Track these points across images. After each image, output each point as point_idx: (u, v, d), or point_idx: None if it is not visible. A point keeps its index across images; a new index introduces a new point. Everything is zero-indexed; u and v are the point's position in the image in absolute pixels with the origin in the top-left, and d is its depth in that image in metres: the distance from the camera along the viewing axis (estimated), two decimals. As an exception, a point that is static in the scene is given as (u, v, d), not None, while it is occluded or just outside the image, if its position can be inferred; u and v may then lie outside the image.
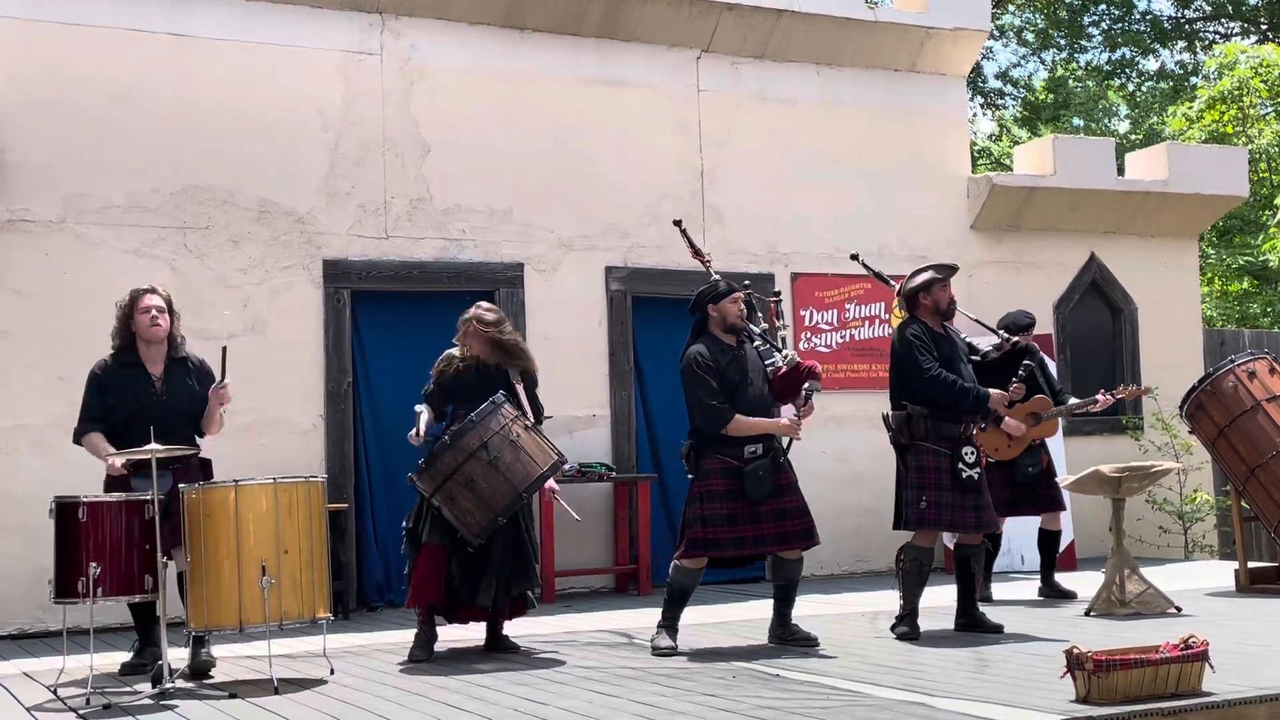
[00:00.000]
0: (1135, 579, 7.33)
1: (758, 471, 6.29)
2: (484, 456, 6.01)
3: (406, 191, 9.07)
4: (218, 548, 5.64)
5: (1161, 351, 11.32)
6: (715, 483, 6.33)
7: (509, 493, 6.06)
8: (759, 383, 6.47)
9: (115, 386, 6.11)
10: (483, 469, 6.01)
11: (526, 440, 6.13)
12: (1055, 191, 10.97)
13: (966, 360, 6.86)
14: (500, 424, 6.08)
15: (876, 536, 10.13)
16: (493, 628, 6.57)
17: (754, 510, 6.32)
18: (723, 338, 6.47)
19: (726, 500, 6.30)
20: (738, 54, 10.13)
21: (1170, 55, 25.48)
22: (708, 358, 6.37)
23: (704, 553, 6.34)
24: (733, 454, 6.33)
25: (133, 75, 8.41)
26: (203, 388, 6.22)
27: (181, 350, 6.24)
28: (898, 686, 5.27)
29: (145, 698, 5.41)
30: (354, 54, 9.00)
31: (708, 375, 6.32)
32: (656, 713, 4.86)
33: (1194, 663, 4.88)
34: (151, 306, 6.10)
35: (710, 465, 6.35)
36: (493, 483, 6.03)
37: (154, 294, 6.16)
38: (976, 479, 6.63)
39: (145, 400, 6.08)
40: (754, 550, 6.43)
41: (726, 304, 6.47)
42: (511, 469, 6.05)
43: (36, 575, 7.28)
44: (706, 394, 6.31)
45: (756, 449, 6.35)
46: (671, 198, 9.76)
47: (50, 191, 8.18)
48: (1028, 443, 7.98)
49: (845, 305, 10.37)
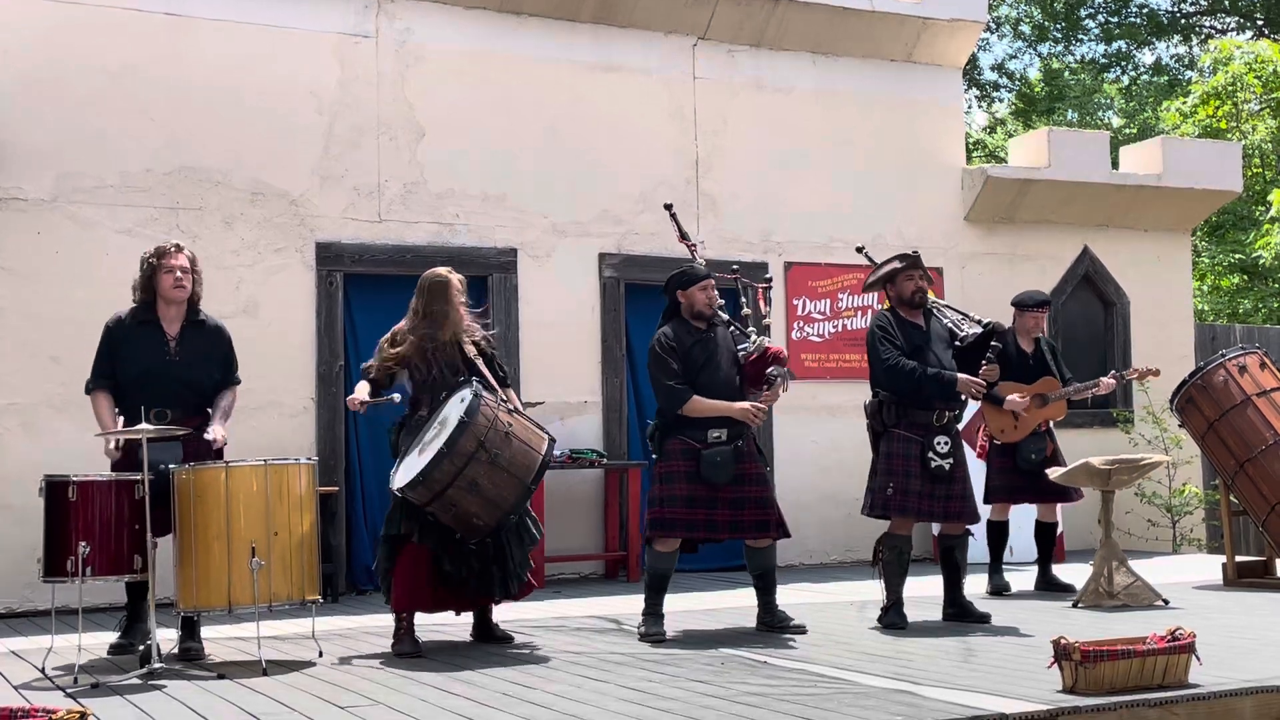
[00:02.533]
0: (1123, 571, 7.36)
1: (715, 457, 6.29)
2: (483, 456, 5.72)
3: (400, 175, 9.05)
4: (208, 528, 5.64)
5: (1153, 345, 11.34)
6: (676, 464, 6.35)
7: (516, 487, 5.83)
8: (727, 367, 6.47)
9: (128, 343, 6.05)
10: (485, 469, 5.73)
11: (517, 427, 5.92)
12: (1049, 184, 10.99)
13: (948, 347, 6.83)
14: (489, 417, 5.81)
15: (865, 526, 10.05)
16: (482, 615, 6.41)
17: (713, 495, 6.32)
18: (691, 322, 6.50)
19: (686, 481, 6.31)
20: (734, 41, 10.11)
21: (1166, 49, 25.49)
22: (671, 339, 6.41)
23: (661, 533, 6.34)
24: (695, 436, 6.34)
25: (128, 54, 8.38)
26: (217, 351, 6.19)
27: (200, 313, 6.20)
28: (885, 675, 5.28)
29: (133, 677, 5.41)
30: (349, 36, 8.98)
31: (669, 356, 6.35)
32: (645, 698, 4.88)
33: (1181, 654, 4.90)
34: (176, 267, 6.05)
35: (672, 446, 6.37)
36: (497, 481, 5.77)
37: (180, 253, 6.10)
38: (948, 469, 6.63)
39: (157, 360, 6.03)
40: (706, 534, 6.41)
41: (695, 291, 6.49)
42: (513, 463, 5.80)
43: (25, 554, 7.27)
44: (665, 375, 6.34)
45: (721, 434, 6.34)
46: (666, 185, 9.76)
47: (43, 170, 8.15)
48: (1035, 424, 7.95)
49: (838, 295, 10.37)
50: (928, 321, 6.83)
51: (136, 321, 6.11)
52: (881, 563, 6.70)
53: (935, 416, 6.66)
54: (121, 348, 6.06)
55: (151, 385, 5.95)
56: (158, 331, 6.08)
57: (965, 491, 6.74)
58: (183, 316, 6.12)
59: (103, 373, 6.08)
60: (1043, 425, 8.02)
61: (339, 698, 5.03)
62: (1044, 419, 8.01)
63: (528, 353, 9.27)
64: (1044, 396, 7.97)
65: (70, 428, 7.68)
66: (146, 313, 6.11)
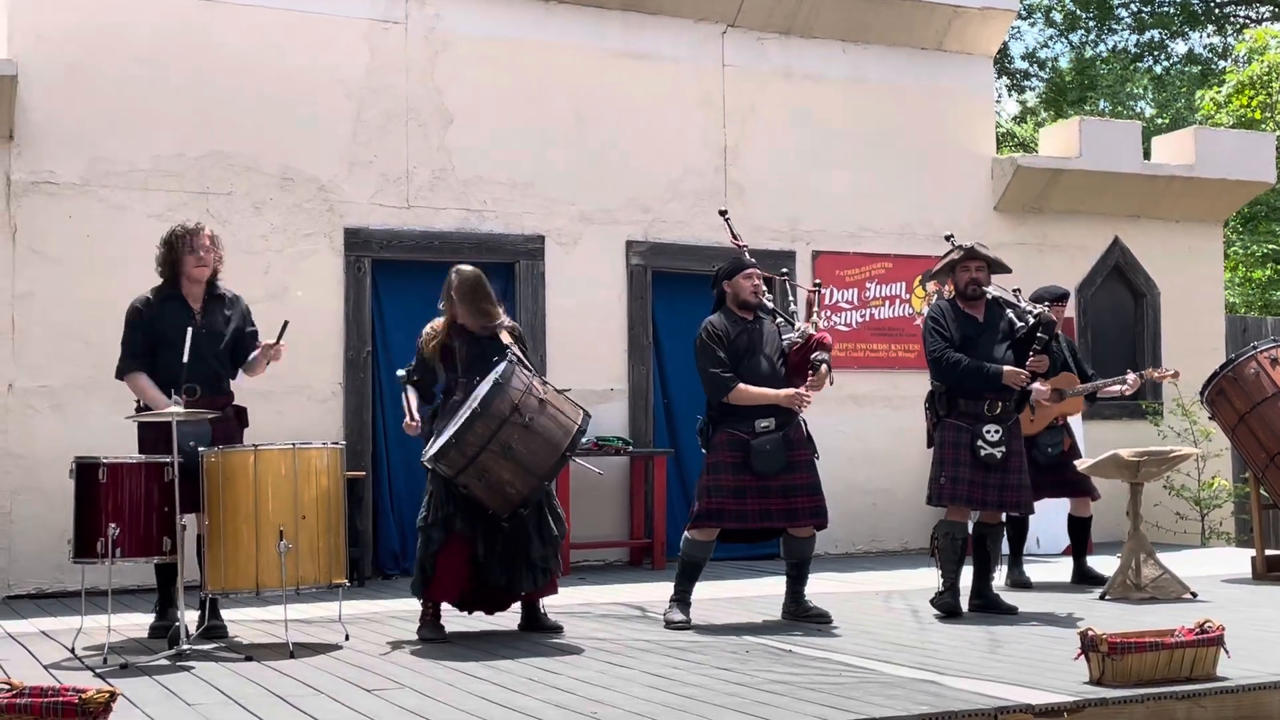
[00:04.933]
0: (1151, 564, 7.32)
1: (765, 445, 6.32)
2: (518, 420, 5.62)
3: (429, 161, 9.07)
4: (236, 511, 5.68)
5: (1183, 337, 11.27)
6: (724, 455, 6.37)
7: (551, 453, 5.74)
8: (771, 356, 6.49)
9: (156, 321, 6.12)
10: (519, 433, 5.63)
11: (552, 396, 5.86)
12: (1080, 174, 10.92)
13: (1004, 339, 6.78)
14: (525, 382, 5.75)
15: (891, 516, 10.16)
16: (530, 607, 6.31)
17: (762, 484, 6.34)
18: (737, 312, 6.52)
19: (734, 472, 6.34)
20: (764, 29, 10.08)
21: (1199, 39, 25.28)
22: (717, 328, 6.45)
23: (709, 523, 6.37)
24: (743, 428, 6.37)
25: (158, 38, 8.42)
26: (239, 323, 6.27)
27: (219, 286, 6.29)
28: (909, 664, 5.28)
29: (162, 658, 5.46)
30: (379, 22, 8.99)
31: (715, 345, 6.39)
32: (669, 684, 4.89)
33: (1209, 647, 4.87)
34: (200, 246, 6.15)
35: (720, 438, 6.40)
36: (532, 446, 5.69)
37: (202, 233, 6.20)
38: (999, 458, 6.63)
39: (185, 334, 6.04)
40: (759, 524, 6.45)
41: (739, 280, 6.53)
42: (548, 429, 5.73)
43: (56, 536, 7.35)
44: (711, 363, 6.38)
45: (769, 424, 6.36)
46: (694, 173, 9.75)
47: (74, 154, 8.21)
48: (1051, 418, 7.93)
49: (866, 284, 10.34)
50: (988, 312, 6.80)
51: (161, 299, 6.18)
52: (936, 548, 6.74)
53: (986, 406, 6.67)
54: (151, 329, 6.12)
55: (180, 359, 5.98)
56: (183, 307, 6.16)
57: (1020, 482, 6.76)
58: (204, 292, 6.21)
59: (134, 353, 6.14)
60: (1059, 420, 8.00)
61: (365, 680, 5.06)
62: (1061, 414, 8.00)
63: (554, 340, 9.28)
64: (1061, 391, 7.95)
65: (100, 410, 7.74)
66: (171, 290, 6.19)
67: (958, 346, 6.68)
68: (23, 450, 7.99)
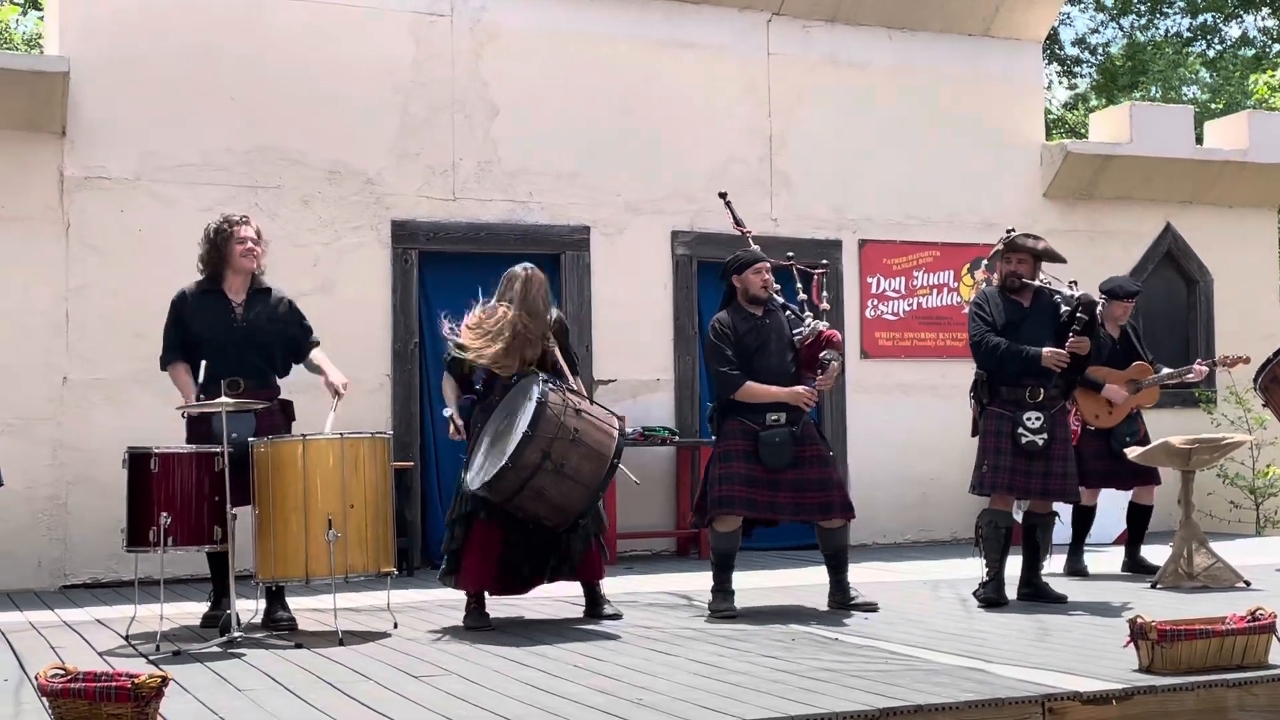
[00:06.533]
0: (1204, 552, 7.25)
1: (773, 438, 6.32)
2: (549, 467, 5.68)
3: (475, 153, 9.11)
4: (285, 501, 5.74)
5: (1237, 324, 11.13)
6: (734, 443, 6.37)
7: (584, 495, 5.82)
8: (781, 352, 6.48)
9: (196, 315, 6.16)
10: (551, 479, 5.71)
11: (585, 429, 5.83)
12: (1131, 160, 10.81)
13: (1049, 325, 6.70)
14: (555, 424, 5.71)
15: (940, 506, 10.10)
16: (591, 592, 6.37)
17: (773, 477, 6.34)
18: (747, 307, 6.51)
19: (744, 460, 6.33)
20: (809, 17, 10.05)
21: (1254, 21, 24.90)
22: (726, 325, 6.44)
23: (721, 510, 6.36)
24: (753, 419, 6.37)
25: (207, 33, 8.51)
26: (285, 318, 6.30)
27: (264, 282, 6.31)
28: (956, 653, 5.25)
29: (213, 646, 5.53)
30: (425, 15, 9.04)
31: (722, 343, 6.40)
32: (714, 672, 4.89)
33: (1261, 635, 4.82)
34: (248, 238, 6.18)
35: (731, 426, 6.41)
36: (564, 489, 5.75)
37: (248, 224, 6.22)
38: (1041, 445, 6.57)
39: (224, 328, 6.14)
40: (769, 515, 6.45)
41: (749, 275, 6.52)
42: (579, 471, 5.77)
43: (110, 525, 7.44)
44: (719, 361, 6.40)
45: (779, 417, 6.36)
46: (739, 162, 9.73)
47: (126, 149, 8.32)
48: (1128, 410, 7.86)
49: (913, 273, 10.29)
50: (1035, 300, 6.74)
51: (201, 292, 6.23)
52: (980, 537, 6.70)
53: (1028, 393, 6.61)
54: (190, 319, 6.17)
55: (222, 353, 6.05)
56: (224, 301, 6.19)
57: (1065, 470, 6.68)
58: (248, 286, 6.23)
59: (173, 345, 6.21)
60: (1134, 409, 7.93)
61: (413, 668, 5.11)
62: (1137, 404, 7.93)
63: (600, 331, 9.30)
64: (1137, 382, 7.88)
65: (152, 401, 7.83)
66: (212, 284, 6.22)
67: (1000, 331, 6.63)
68: (77, 442, 8.11)
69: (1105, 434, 7.84)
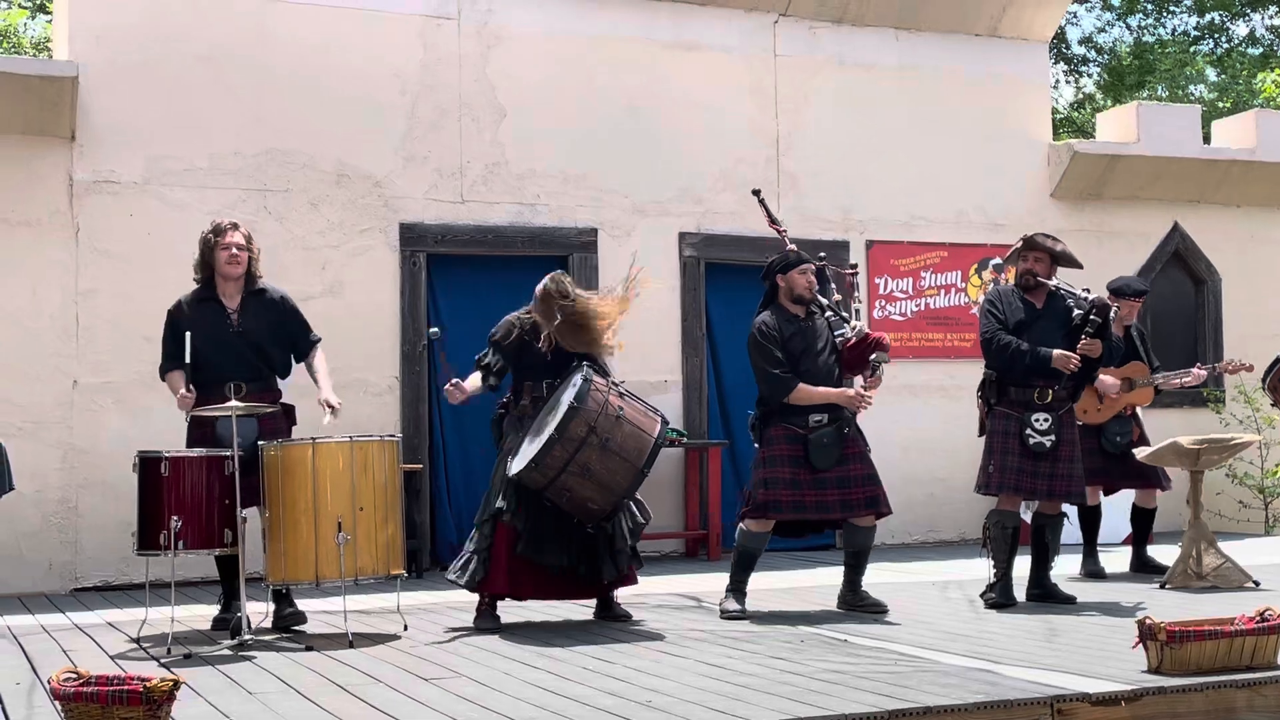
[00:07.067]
0: (1212, 553, 7.24)
1: (822, 439, 6.32)
2: (594, 441, 5.70)
3: (482, 156, 9.12)
4: (295, 504, 5.76)
5: (1245, 323, 11.11)
6: (780, 448, 6.37)
7: (629, 472, 5.82)
8: (826, 353, 6.48)
9: (193, 323, 6.17)
10: (596, 454, 5.72)
11: (629, 410, 5.89)
12: (1139, 160, 10.79)
13: (1062, 327, 6.68)
14: (600, 401, 5.77)
15: (948, 506, 10.10)
16: (603, 596, 6.41)
17: (817, 477, 6.34)
18: (790, 308, 6.51)
19: (790, 465, 6.34)
20: (815, 18, 10.05)
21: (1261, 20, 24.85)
22: (771, 327, 6.42)
23: (765, 514, 6.37)
24: (798, 422, 6.37)
25: (216, 39, 8.53)
26: (282, 319, 6.30)
27: (258, 283, 6.32)
28: (965, 654, 5.26)
29: (224, 648, 5.55)
30: (432, 18, 9.06)
31: (770, 345, 6.37)
32: (723, 674, 4.90)
33: (1270, 635, 4.82)
34: (232, 244, 6.20)
35: (775, 432, 6.40)
36: (610, 465, 5.76)
37: (235, 231, 6.25)
38: (1049, 446, 6.57)
39: (221, 334, 6.17)
40: (816, 515, 6.45)
41: (795, 275, 6.50)
42: (624, 447, 5.79)
43: (121, 529, 7.47)
44: (769, 363, 6.37)
45: (822, 418, 6.36)
46: (746, 163, 9.74)
47: (134, 153, 8.34)
48: (1119, 408, 7.85)
49: (921, 274, 10.29)
50: (1049, 301, 6.74)
51: (196, 300, 6.27)
52: (988, 538, 6.69)
53: (1036, 394, 6.61)
54: (186, 328, 6.17)
55: (219, 358, 6.08)
56: (218, 307, 6.22)
57: (1071, 471, 6.67)
58: (242, 290, 6.25)
59: (170, 355, 6.22)
60: (1128, 410, 7.91)
61: (423, 669, 5.12)
62: (1130, 404, 7.91)
63: (608, 332, 9.28)
64: (1131, 381, 7.87)
65: (162, 405, 7.79)
66: (206, 290, 6.26)
67: (1011, 330, 6.62)
68: (88, 445, 8.14)
69: (1096, 431, 7.82)
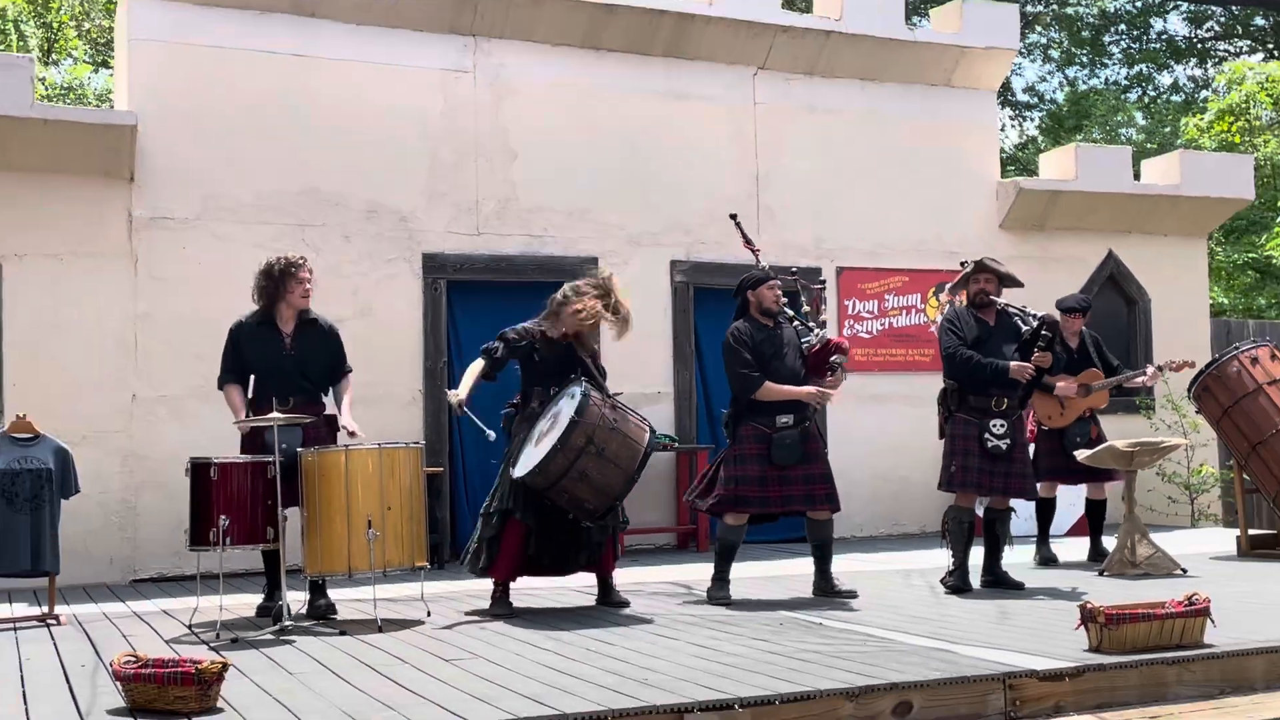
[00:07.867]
0: (1145, 543, 7.23)
1: (785, 439, 6.31)
2: (592, 450, 5.73)
3: (496, 193, 9.12)
4: (330, 504, 5.74)
5: (1172, 340, 11.10)
6: (749, 447, 6.36)
7: (622, 477, 5.85)
8: (793, 358, 6.48)
9: (251, 344, 6.16)
10: (594, 462, 5.75)
11: (621, 422, 5.91)
12: (1077, 195, 10.80)
13: (1012, 341, 6.69)
14: (598, 415, 5.80)
15: (911, 502, 10.08)
16: (603, 582, 6.39)
17: (782, 474, 6.33)
18: (760, 319, 6.50)
19: (759, 463, 6.32)
20: (790, 71, 10.06)
21: (1183, 71, 24.94)
22: (744, 333, 6.43)
23: (732, 509, 6.35)
24: (765, 422, 6.35)
25: (261, 90, 8.53)
26: (328, 348, 6.28)
27: (312, 313, 6.30)
28: (927, 635, 5.24)
29: (267, 634, 5.53)
30: (451, 72, 9.06)
31: (741, 348, 6.38)
32: (711, 654, 4.88)
33: (1197, 617, 4.82)
34: (305, 279, 6.19)
35: (745, 431, 6.39)
36: (605, 472, 5.78)
37: (305, 266, 6.22)
38: (1005, 449, 6.57)
39: (276, 356, 6.14)
40: (780, 509, 6.45)
41: (764, 290, 6.52)
42: (619, 456, 5.79)
43: (175, 526, 7.46)
44: (740, 364, 6.37)
45: (788, 420, 6.35)
46: (730, 199, 9.72)
47: (188, 192, 8.33)
48: (1079, 412, 7.84)
49: (885, 296, 10.29)
50: (999, 319, 6.75)
51: (256, 323, 6.23)
52: (946, 531, 6.69)
53: (993, 402, 6.61)
54: (245, 346, 6.18)
55: (272, 377, 6.06)
56: (275, 331, 6.20)
57: (1024, 471, 6.70)
58: (296, 317, 6.23)
59: (230, 368, 6.20)
60: (1086, 412, 7.91)
61: (444, 651, 5.10)
62: (1087, 407, 7.91)
63: (607, 349, 9.20)
64: (1088, 386, 7.86)
65: (212, 415, 7.79)
66: (266, 315, 6.23)
67: (969, 345, 6.63)
68: (145, 451, 8.11)
69: (1058, 433, 7.82)
